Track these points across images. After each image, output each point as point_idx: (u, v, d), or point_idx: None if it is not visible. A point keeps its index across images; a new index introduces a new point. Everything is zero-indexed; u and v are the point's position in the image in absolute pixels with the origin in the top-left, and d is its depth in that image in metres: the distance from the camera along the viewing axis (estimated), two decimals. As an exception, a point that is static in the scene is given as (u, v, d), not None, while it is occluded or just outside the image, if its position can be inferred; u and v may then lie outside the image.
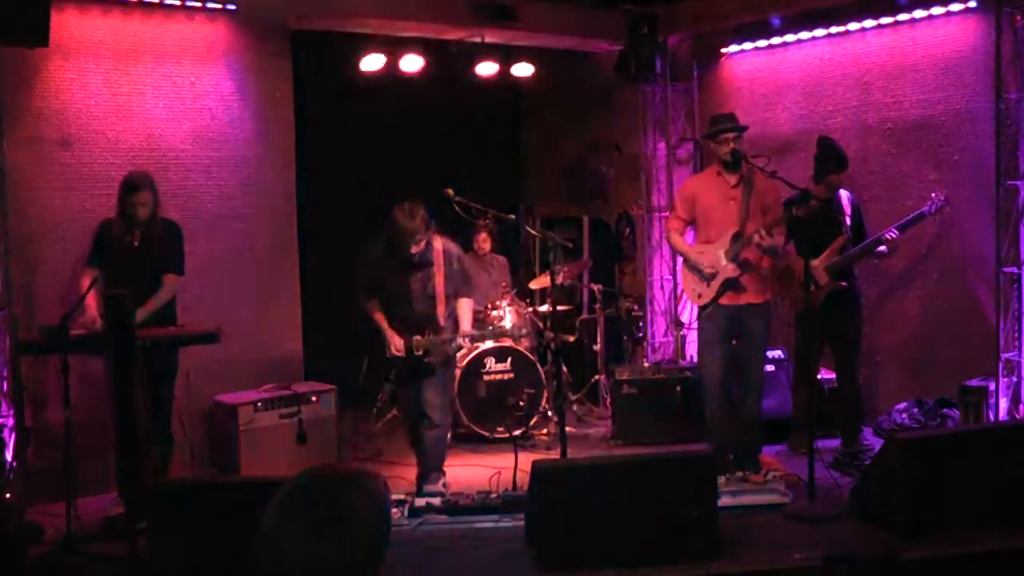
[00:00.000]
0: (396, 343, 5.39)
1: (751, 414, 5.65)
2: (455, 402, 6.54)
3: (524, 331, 6.40)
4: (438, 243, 5.44)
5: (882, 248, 5.93)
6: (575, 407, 7.50)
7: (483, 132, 8.54)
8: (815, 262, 5.83)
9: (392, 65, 6.94)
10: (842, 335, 6.06)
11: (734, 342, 5.65)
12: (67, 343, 4.60)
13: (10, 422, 5.03)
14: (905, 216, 6.03)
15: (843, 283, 5.95)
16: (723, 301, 5.57)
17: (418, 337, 5.38)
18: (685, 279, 5.83)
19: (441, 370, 5.52)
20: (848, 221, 6.03)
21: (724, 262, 5.52)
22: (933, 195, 6.00)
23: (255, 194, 6.39)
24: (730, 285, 5.54)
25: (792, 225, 5.53)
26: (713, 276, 5.56)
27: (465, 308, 5.55)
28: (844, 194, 6.10)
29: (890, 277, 6.78)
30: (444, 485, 5.52)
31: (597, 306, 7.67)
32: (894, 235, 5.89)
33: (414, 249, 5.25)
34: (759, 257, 5.56)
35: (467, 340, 5.58)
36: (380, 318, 5.47)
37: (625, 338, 8.19)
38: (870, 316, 6.83)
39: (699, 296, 5.68)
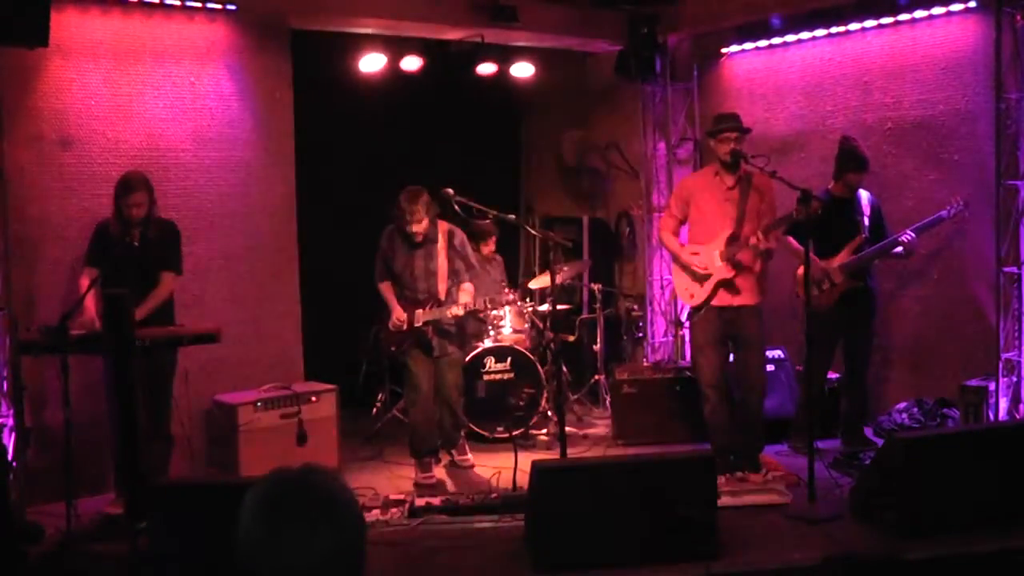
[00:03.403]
0: (398, 314, 5.83)
1: (753, 414, 5.65)
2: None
3: (511, 297, 6.53)
4: (443, 226, 5.89)
5: (898, 250, 5.94)
6: (575, 407, 7.50)
7: (483, 132, 8.53)
8: (833, 261, 5.85)
9: (392, 65, 6.94)
10: (855, 334, 6.08)
11: (729, 344, 5.65)
12: (67, 343, 4.59)
13: (10, 422, 5.03)
14: (923, 219, 6.03)
15: (859, 283, 5.95)
16: (716, 302, 5.58)
17: (419, 311, 5.79)
18: (677, 278, 5.84)
19: (457, 354, 6.05)
20: (866, 221, 6.03)
21: (719, 263, 5.52)
22: (955, 199, 5.98)
23: (255, 194, 6.39)
24: (724, 286, 5.54)
25: (793, 228, 5.53)
26: (707, 276, 5.56)
27: (465, 290, 5.91)
28: (864, 194, 6.10)
29: (890, 276, 6.78)
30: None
31: (597, 306, 7.67)
32: (910, 237, 5.89)
33: (415, 228, 5.70)
34: (753, 259, 5.57)
35: (463, 308, 5.84)
36: (389, 293, 5.89)
37: (625, 338, 8.19)
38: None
39: (691, 296, 5.69)
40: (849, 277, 5.93)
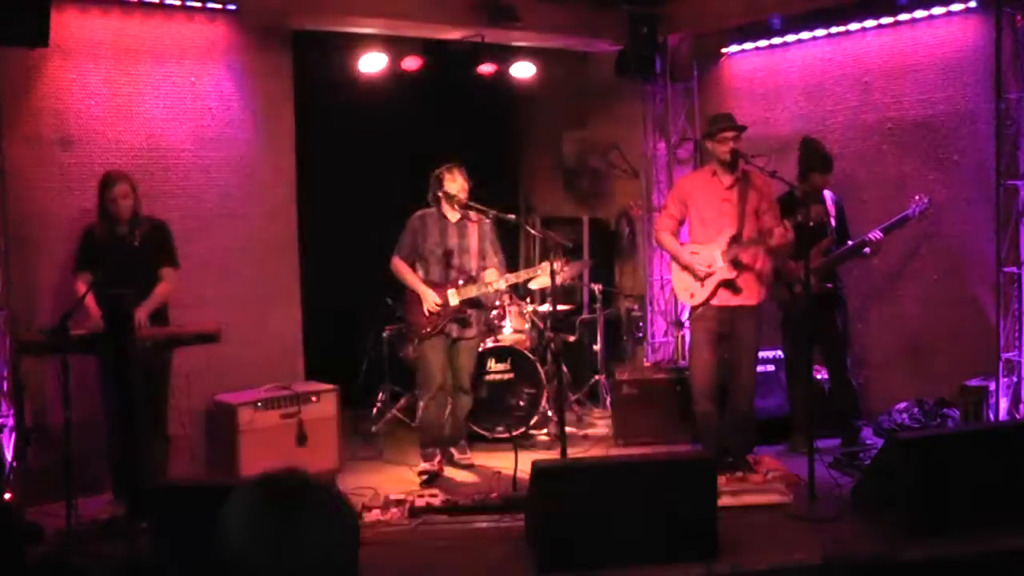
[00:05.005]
0: (432, 297, 5.82)
1: (743, 414, 5.66)
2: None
3: (564, 269, 6.39)
4: (473, 212, 5.96)
5: (866, 249, 5.94)
6: (575, 407, 7.50)
7: (483, 132, 8.53)
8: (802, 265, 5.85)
9: (392, 65, 6.94)
10: (829, 336, 6.07)
11: (724, 343, 5.65)
12: (67, 343, 4.60)
13: (10, 422, 5.04)
14: (891, 218, 6.04)
15: (828, 284, 5.95)
16: (716, 302, 5.57)
17: (452, 289, 5.81)
18: (676, 278, 5.81)
19: (475, 340, 6.09)
20: (832, 223, 6.03)
21: (721, 263, 5.51)
22: (916, 197, 5.98)
23: (255, 194, 6.39)
24: (725, 286, 5.53)
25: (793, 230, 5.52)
26: (708, 276, 5.55)
27: (492, 272, 5.94)
28: (828, 195, 6.10)
29: (890, 277, 6.79)
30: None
31: (597, 306, 7.67)
32: (878, 236, 5.90)
33: (456, 192, 5.79)
34: (754, 259, 5.56)
35: (506, 282, 5.97)
36: (414, 276, 5.89)
37: (625, 338, 8.19)
38: (870, 316, 6.84)
39: (691, 296, 5.68)
40: (819, 280, 5.91)
